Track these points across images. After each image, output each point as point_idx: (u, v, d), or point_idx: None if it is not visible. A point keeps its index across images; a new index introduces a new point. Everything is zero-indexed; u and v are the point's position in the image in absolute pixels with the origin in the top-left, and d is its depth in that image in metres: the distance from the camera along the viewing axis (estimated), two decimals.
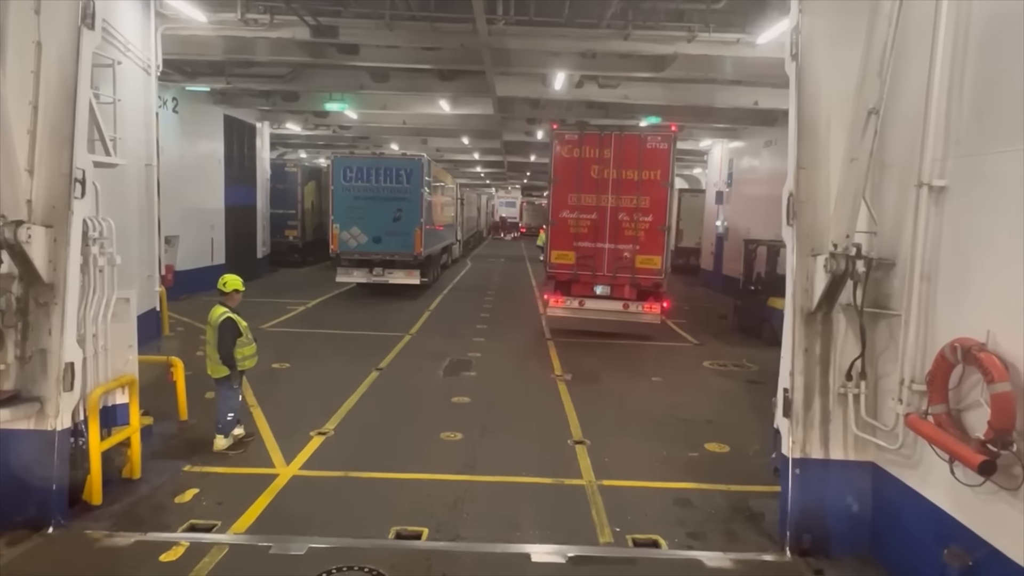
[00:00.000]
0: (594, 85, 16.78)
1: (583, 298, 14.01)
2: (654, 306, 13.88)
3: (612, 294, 13.99)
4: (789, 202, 5.68)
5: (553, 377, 11.02)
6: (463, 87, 17.24)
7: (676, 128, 14.32)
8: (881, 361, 5.39)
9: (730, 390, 10.75)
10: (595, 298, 14.02)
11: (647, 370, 11.81)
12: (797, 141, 5.62)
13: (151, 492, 6.25)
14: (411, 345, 13.27)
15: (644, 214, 13.73)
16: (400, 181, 18.96)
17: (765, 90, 16.83)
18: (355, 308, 17.75)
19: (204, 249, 19.64)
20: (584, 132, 13.99)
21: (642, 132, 14.32)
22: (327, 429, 8.09)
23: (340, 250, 19.14)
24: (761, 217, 21.09)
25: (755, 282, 16.02)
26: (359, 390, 9.80)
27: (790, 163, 5.68)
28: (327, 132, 26.80)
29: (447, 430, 8.18)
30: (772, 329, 14.45)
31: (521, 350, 13.17)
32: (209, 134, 19.86)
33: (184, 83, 16.94)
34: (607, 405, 9.58)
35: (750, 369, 12.17)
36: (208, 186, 19.83)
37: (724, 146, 25.09)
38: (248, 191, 22.91)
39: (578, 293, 14.02)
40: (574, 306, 14.04)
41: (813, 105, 5.60)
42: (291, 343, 13.07)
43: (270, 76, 16.74)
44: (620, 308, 13.95)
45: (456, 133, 26.78)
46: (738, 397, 10.38)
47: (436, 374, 10.98)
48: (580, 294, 14.02)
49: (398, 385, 10.28)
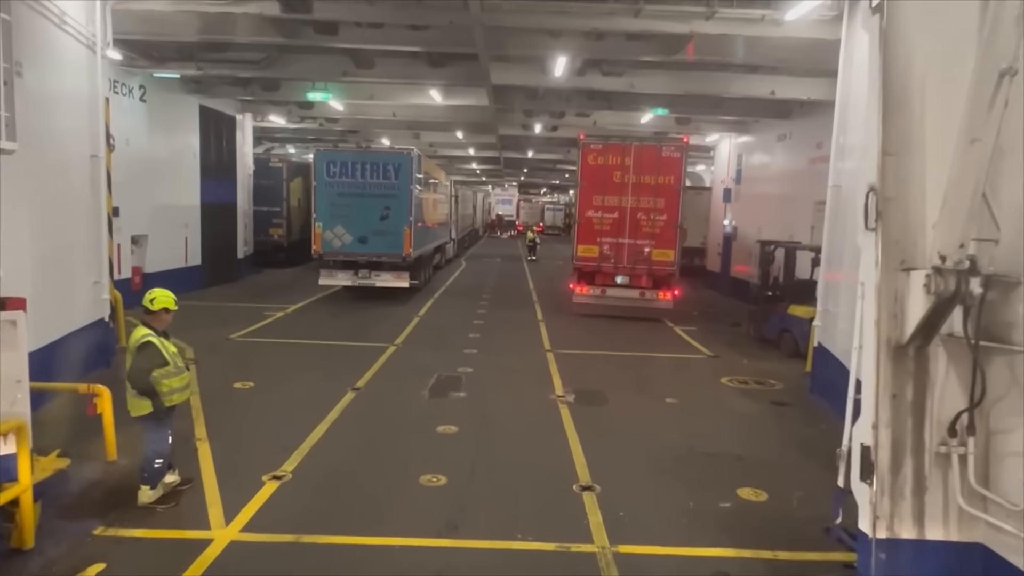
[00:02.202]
0: (597, 73, 15.45)
1: (605, 287, 16.15)
2: (667, 293, 16.06)
3: (631, 283, 16.12)
4: (869, 199, 4.28)
5: (554, 399, 9.66)
6: (455, 75, 15.87)
7: (687, 139, 17.06)
8: (996, 412, 4.05)
9: (755, 414, 9.41)
10: (615, 287, 16.14)
11: (659, 389, 10.47)
12: (881, 119, 4.22)
13: (41, 570, 4.88)
14: (395, 358, 11.91)
15: (659, 214, 15.88)
16: (388, 177, 17.58)
17: (783, 78, 15.55)
18: (338, 314, 16.37)
19: (177, 249, 18.25)
20: (608, 142, 16.20)
21: (658, 143, 16.78)
22: (284, 471, 6.72)
23: (323, 251, 17.76)
24: (773, 216, 19.78)
25: (772, 287, 14.69)
26: (329, 417, 8.43)
27: (871, 149, 4.29)
28: (314, 125, 25.43)
29: (429, 471, 6.82)
30: (793, 340, 13.18)
31: (518, 364, 11.81)
32: (182, 126, 18.44)
33: (151, 69, 15.54)
34: (617, 436, 8.23)
35: (774, 387, 10.83)
36: (181, 182, 18.42)
37: (732, 141, 23.74)
38: (227, 187, 21.48)
39: (600, 282, 16.20)
40: (597, 293, 16.20)
41: (904, 71, 4.20)
42: (260, 356, 11.70)
43: (245, 62, 15.33)
44: (637, 295, 16.09)
45: (450, 127, 25.41)
46: (766, 423, 9.04)
47: (420, 395, 9.62)
48: (602, 283, 16.19)
49: (376, 410, 8.92)
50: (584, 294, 16.26)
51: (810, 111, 17.57)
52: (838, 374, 9.46)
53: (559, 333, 14.66)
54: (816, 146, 17.15)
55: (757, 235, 20.77)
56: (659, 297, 15.96)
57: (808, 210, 17.22)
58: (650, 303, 15.98)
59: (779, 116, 18.83)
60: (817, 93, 15.57)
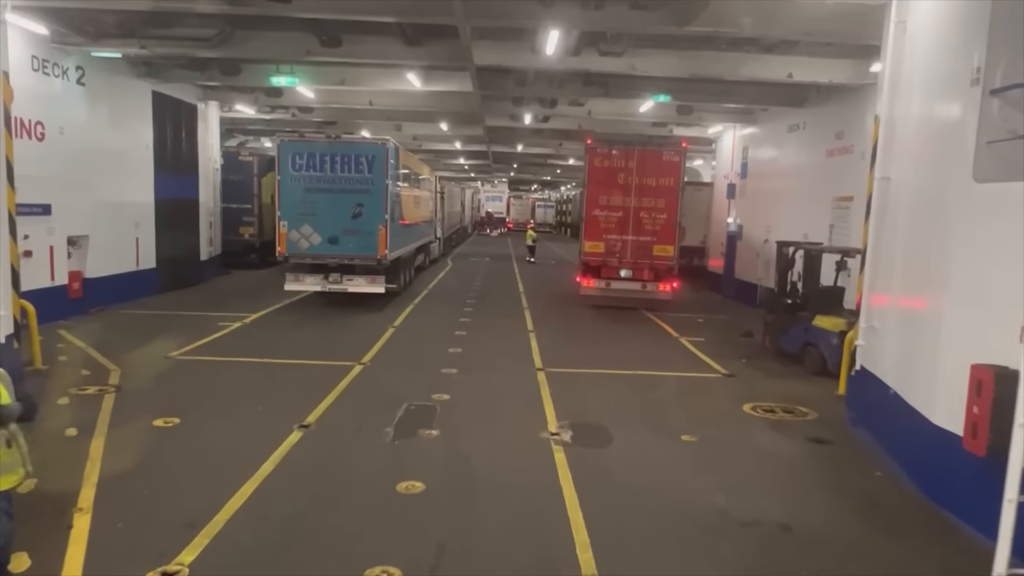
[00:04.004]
0: (594, 52, 13.72)
1: (610, 280, 17.34)
2: (666, 285, 17.34)
3: (634, 276, 17.28)
4: None
5: (546, 437, 7.93)
6: (434, 55, 14.09)
7: (686, 144, 18.74)
8: None
9: (792, 457, 7.71)
10: (620, 280, 17.32)
11: (673, 421, 8.76)
12: None
13: None
14: (360, 382, 10.14)
15: (660, 213, 17.08)
16: (360, 170, 15.76)
17: (802, 59, 13.92)
18: (302, 324, 14.57)
19: (126, 251, 16.40)
20: (613, 147, 17.53)
21: (659, 148, 18.34)
22: (180, 565, 4.95)
23: (289, 252, 15.95)
24: (784, 215, 18.13)
25: (791, 294, 13.01)
26: (262, 471, 6.66)
27: None
28: (286, 116, 23.56)
29: (380, 559, 5.08)
30: (819, 356, 11.54)
31: (503, 388, 10.08)
32: (132, 113, 16.56)
33: (88, 47, 13.66)
34: (627, 494, 6.51)
35: (806, 418, 9.15)
36: (131, 176, 16.54)
37: (737, 132, 22.05)
38: (187, 182, 19.61)
39: (606, 276, 17.37)
40: (602, 286, 17.39)
41: None
42: (199, 381, 9.91)
43: (194, 39, 13.49)
44: (639, 288, 17.32)
45: (433, 117, 23.63)
46: (808, 471, 7.35)
47: (383, 434, 7.85)
48: (608, 276, 17.36)
49: (324, 458, 7.16)
50: (591, 287, 17.48)
51: (828, 97, 15.93)
52: (887, 405, 7.79)
53: (552, 346, 12.95)
54: (835, 136, 15.52)
55: (765, 234, 19.18)
56: (659, 289, 17.32)
57: (825, 207, 15.61)
58: (651, 295, 17.37)
59: (792, 104, 17.18)
60: (840, 75, 13.95)
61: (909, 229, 7.67)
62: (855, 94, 14.60)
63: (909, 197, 7.70)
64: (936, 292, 6.72)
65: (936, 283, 6.71)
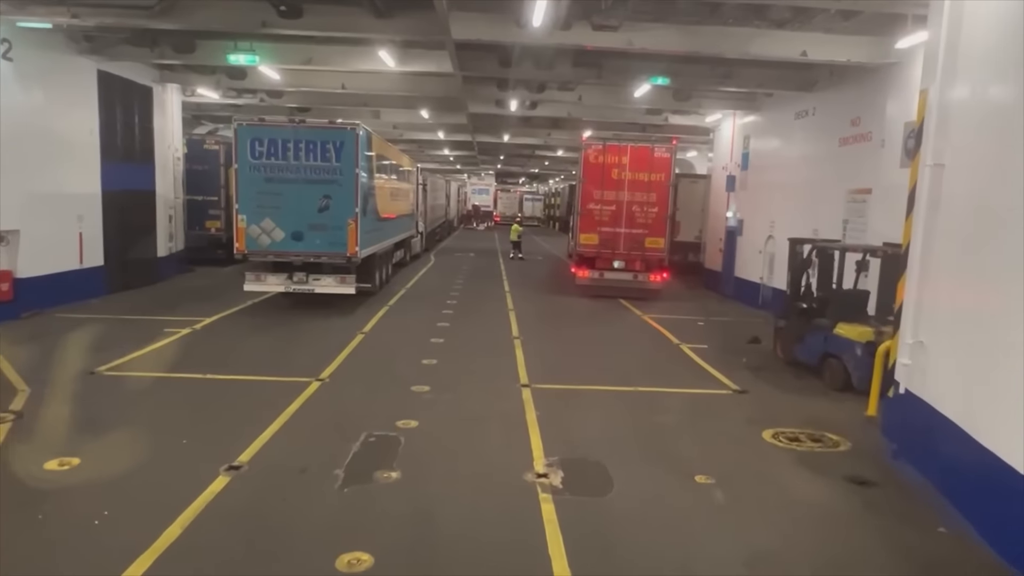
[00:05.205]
0: (587, 27, 12.24)
1: (603, 270, 18.13)
2: (656, 276, 18.06)
3: (626, 267, 18.08)
4: None
5: (531, 481, 6.47)
6: (407, 28, 12.54)
7: (676, 141, 19.46)
8: None
9: (831, 508, 6.28)
10: (613, 270, 18.10)
11: (682, 455, 7.33)
12: None
13: None
14: (314, 404, 8.64)
15: (652, 206, 17.90)
16: (327, 158, 14.20)
17: (817, 36, 12.51)
18: (259, 330, 13.03)
19: (67, 248, 14.75)
20: (607, 143, 18.15)
21: (650, 144, 18.32)
22: None
23: (248, 249, 14.41)
24: (790, 208, 16.72)
25: (806, 297, 11.63)
26: (164, 538, 5.14)
27: None
28: (255, 101, 21.88)
29: None
30: (842, 369, 10.18)
31: (483, 410, 8.62)
32: (72, 94, 14.86)
33: (12, 16, 12.01)
34: (636, 567, 5.09)
35: (838, 448, 7.77)
36: (72, 164, 14.87)
37: (737, 120, 20.64)
38: (142, 172, 17.96)
39: (600, 267, 18.16)
40: (596, 276, 18.18)
41: None
42: (120, 404, 8.37)
43: (132, 7, 11.84)
44: (631, 278, 18.11)
45: (412, 103, 22.06)
46: (851, 525, 5.93)
47: (331, 478, 6.37)
48: (601, 267, 18.15)
49: (250, 516, 5.66)
50: (585, 277, 18.24)
51: (841, 80, 14.53)
52: (944, 441, 6.39)
53: (539, 356, 11.51)
54: (851, 123, 14.13)
55: (769, 230, 17.81)
56: (650, 279, 18.04)
57: (838, 201, 14.25)
58: (642, 285, 18.12)
59: (800, 88, 15.79)
60: (860, 54, 12.56)
61: (978, 225, 6.26)
62: (873, 76, 13.23)
63: (977, 186, 6.28)
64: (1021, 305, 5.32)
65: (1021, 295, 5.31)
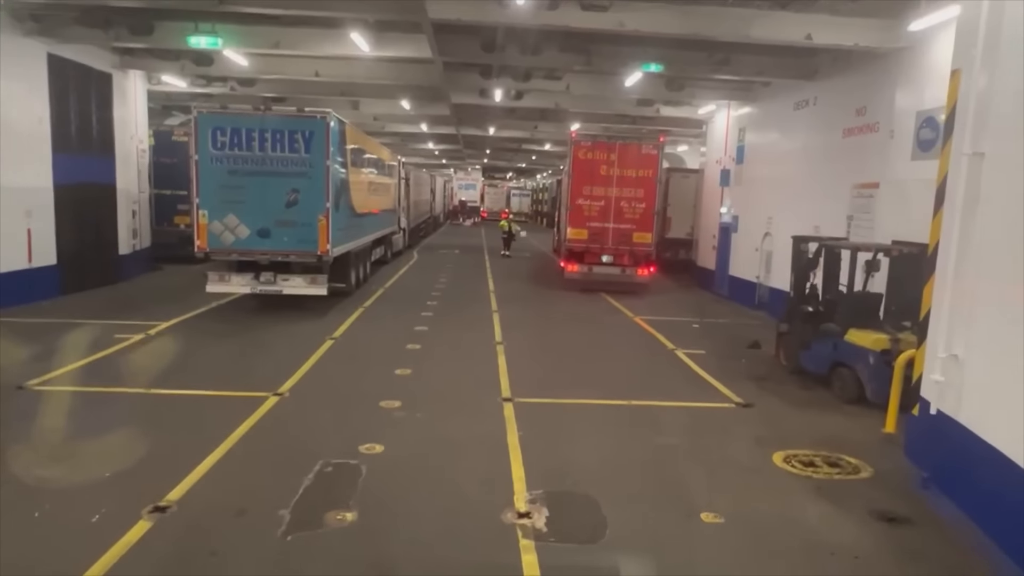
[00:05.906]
0: (575, 7, 11.29)
1: (592, 265, 18.36)
2: (644, 270, 18.39)
3: (614, 262, 18.36)
4: None
5: (511, 522, 5.52)
6: (380, 7, 11.55)
7: (664, 138, 19.55)
8: None
9: (860, 551, 5.39)
10: (601, 264, 18.35)
11: (685, 486, 6.41)
12: None
13: None
14: (267, 424, 7.65)
15: (639, 202, 18.20)
16: (296, 150, 13.18)
17: (823, 19, 11.64)
18: (219, 336, 11.98)
19: (13, 246, 13.61)
20: (596, 140, 18.77)
21: (638, 141, 18.74)
22: None
23: (210, 247, 13.39)
24: (789, 204, 15.84)
25: (811, 300, 10.75)
26: None
27: None
28: (225, 90, 20.73)
29: None
30: (854, 379, 9.30)
31: (459, 430, 7.66)
32: (17, 79, 13.65)
33: None
34: None
35: (859, 474, 6.88)
36: (18, 156, 13.68)
37: (732, 112, 19.76)
38: (101, 165, 16.82)
39: (588, 261, 18.41)
40: (585, 270, 18.41)
41: None
42: (42, 427, 7.30)
43: None
44: (619, 272, 18.36)
45: (392, 92, 21.00)
46: None
47: (273, 521, 5.38)
48: (590, 262, 18.39)
49: (171, 573, 4.69)
50: (575, 271, 18.47)
51: (845, 68, 13.66)
52: (990, 472, 5.49)
53: (524, 364, 10.58)
54: (855, 112, 13.27)
55: (767, 227, 16.97)
56: (638, 274, 18.31)
57: (842, 196, 13.41)
58: (630, 278, 18.31)
59: (801, 76, 14.92)
60: (868, 38, 11.69)
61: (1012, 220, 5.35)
62: (881, 62, 12.37)
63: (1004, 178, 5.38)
64: None
65: None
